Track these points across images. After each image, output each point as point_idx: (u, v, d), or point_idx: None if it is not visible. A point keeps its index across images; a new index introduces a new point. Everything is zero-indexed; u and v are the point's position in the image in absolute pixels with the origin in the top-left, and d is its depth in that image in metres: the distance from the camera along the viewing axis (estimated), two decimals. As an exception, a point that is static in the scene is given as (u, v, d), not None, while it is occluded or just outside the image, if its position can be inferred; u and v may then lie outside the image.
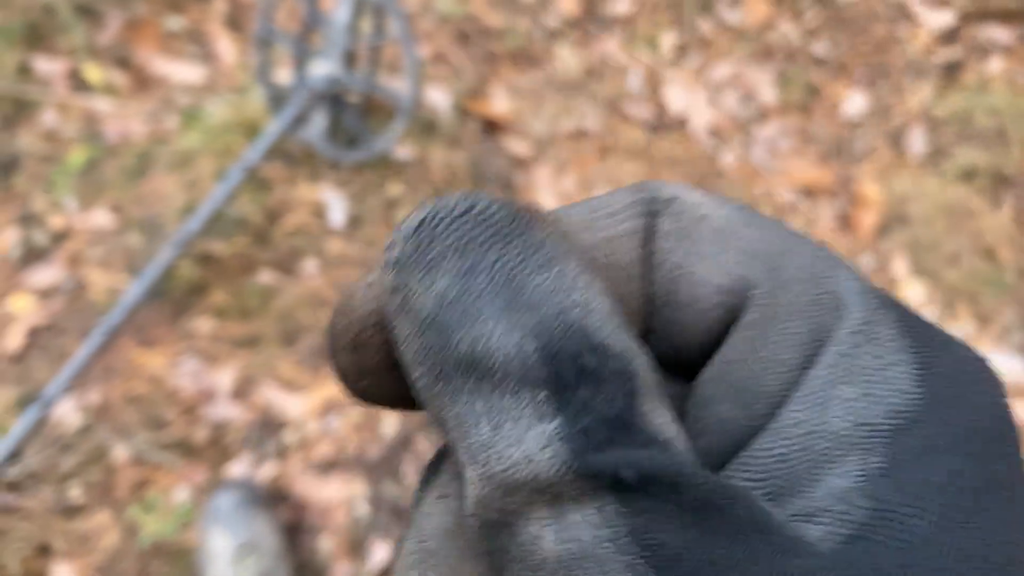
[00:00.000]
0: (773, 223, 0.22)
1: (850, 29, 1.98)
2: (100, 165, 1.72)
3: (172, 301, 1.61)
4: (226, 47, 1.85)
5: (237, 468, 1.51)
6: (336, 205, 1.70)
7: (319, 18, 1.61)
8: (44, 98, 1.76)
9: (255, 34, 1.62)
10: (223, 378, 1.57)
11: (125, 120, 1.76)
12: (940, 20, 1.97)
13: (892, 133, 1.86)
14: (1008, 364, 1.61)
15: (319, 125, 1.68)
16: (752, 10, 2.00)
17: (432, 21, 1.92)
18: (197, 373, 1.57)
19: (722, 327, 0.22)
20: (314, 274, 1.65)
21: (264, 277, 1.64)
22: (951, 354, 0.20)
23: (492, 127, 1.83)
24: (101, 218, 1.67)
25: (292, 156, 1.73)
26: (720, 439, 0.21)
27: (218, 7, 1.89)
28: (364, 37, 1.65)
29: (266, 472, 1.51)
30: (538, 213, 0.20)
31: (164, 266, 1.45)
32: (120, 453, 1.51)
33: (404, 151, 1.75)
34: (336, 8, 1.61)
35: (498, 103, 1.85)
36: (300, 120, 1.64)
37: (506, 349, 0.18)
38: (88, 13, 1.83)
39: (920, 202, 1.77)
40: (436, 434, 0.17)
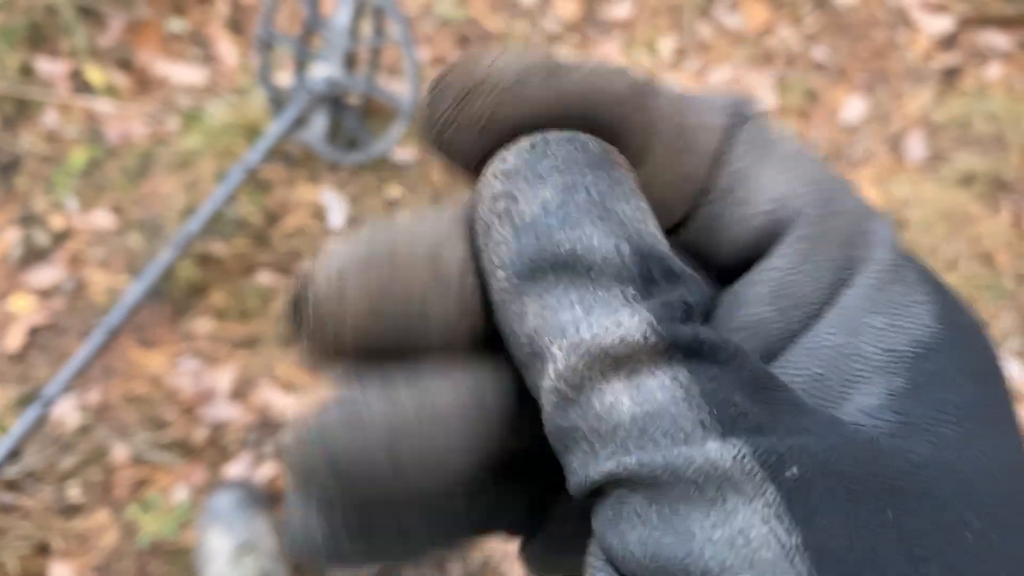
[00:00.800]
0: (834, 172, 0.25)
1: (850, 35, 1.99)
2: (101, 166, 1.73)
3: (172, 301, 1.61)
4: (227, 49, 1.86)
5: (236, 468, 1.52)
6: (336, 207, 1.71)
7: (320, 21, 1.62)
8: (46, 99, 1.77)
9: (256, 36, 1.63)
10: (222, 378, 1.57)
11: (126, 121, 1.77)
12: (939, 26, 1.97)
13: (891, 138, 1.87)
14: (1007, 369, 1.61)
15: (319, 127, 1.69)
16: (751, 15, 2.00)
17: (432, 24, 1.93)
18: (196, 373, 1.58)
19: (761, 235, 0.24)
20: (313, 275, 1.65)
21: (264, 278, 1.64)
22: (962, 307, 0.23)
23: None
24: (102, 218, 1.68)
25: (292, 158, 1.74)
26: (754, 338, 0.23)
27: (220, 9, 1.89)
28: (364, 40, 1.66)
29: (265, 472, 1.52)
30: (620, 155, 0.22)
31: (164, 267, 1.46)
32: (119, 453, 1.52)
33: (404, 153, 1.76)
34: (336, 11, 1.61)
35: (498, 106, 1.86)
36: (300, 122, 1.64)
37: (604, 248, 0.20)
38: (90, 14, 1.84)
39: (918, 207, 1.77)
40: (508, 344, 0.21)
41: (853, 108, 1.90)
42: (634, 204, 0.21)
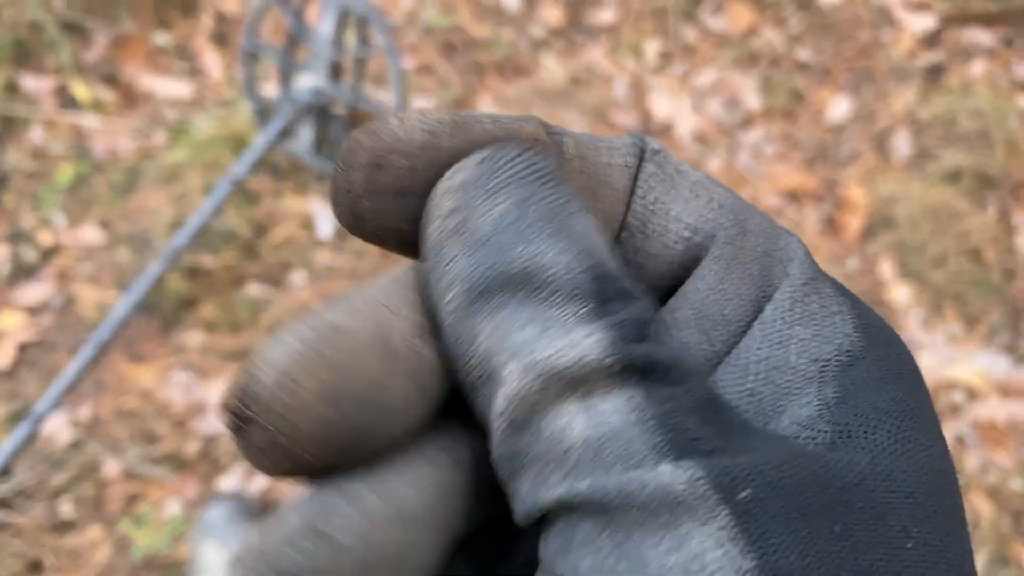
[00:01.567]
0: (737, 195, 0.25)
1: (834, 34, 1.99)
2: (88, 181, 1.73)
3: (162, 315, 1.61)
4: (213, 62, 1.86)
5: (228, 481, 1.51)
6: (324, 217, 1.71)
7: (304, 31, 1.62)
8: (32, 115, 1.77)
9: (241, 48, 1.63)
10: (213, 391, 1.57)
11: (113, 136, 1.77)
12: (922, 24, 1.98)
13: (877, 137, 1.87)
14: (995, 363, 1.61)
15: (306, 138, 1.69)
16: (736, 17, 2.01)
17: (418, 33, 1.93)
18: (187, 387, 1.57)
19: (682, 260, 0.24)
20: (303, 286, 1.65)
21: (253, 290, 1.64)
22: (875, 315, 0.23)
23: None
24: (90, 234, 1.68)
25: (279, 169, 1.74)
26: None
27: (205, 23, 1.90)
28: (349, 49, 1.66)
29: (257, 484, 1.51)
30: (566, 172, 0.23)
31: (153, 280, 1.45)
32: (111, 468, 1.51)
33: (391, 162, 1.76)
34: (320, 21, 1.62)
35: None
36: (287, 133, 1.65)
37: (558, 266, 0.20)
38: (75, 30, 1.84)
39: (905, 205, 1.78)
40: (455, 368, 0.20)
41: (838, 107, 1.91)
42: (586, 220, 0.21)
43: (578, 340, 0.19)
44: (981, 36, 1.96)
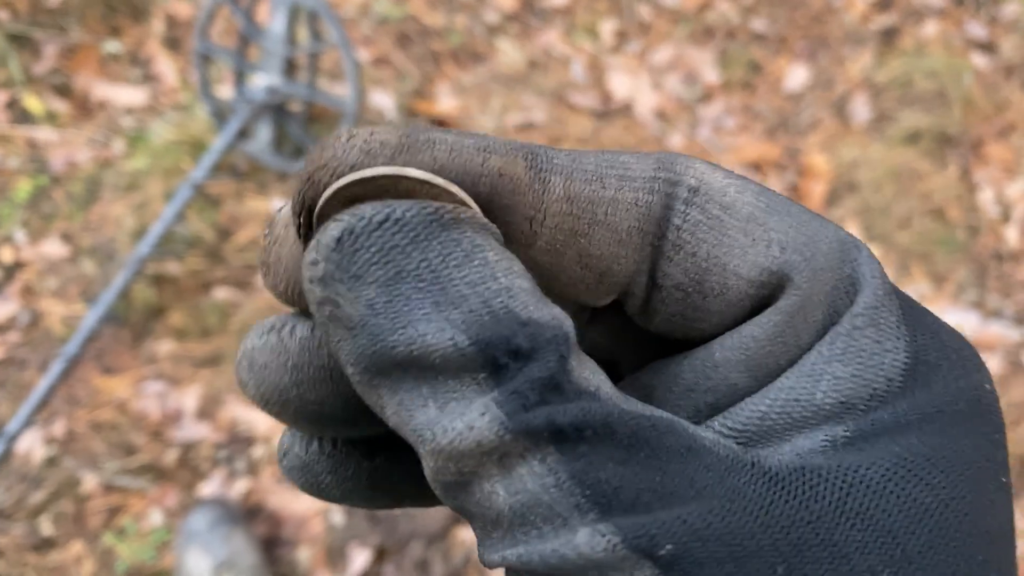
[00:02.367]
0: (794, 207, 0.23)
1: (787, 3, 2.00)
2: (48, 194, 1.71)
3: (131, 325, 1.60)
4: (166, 67, 1.84)
5: (209, 487, 1.51)
6: (288, 216, 1.69)
7: (255, 30, 1.61)
8: (-15, 132, 1.74)
9: (193, 51, 1.61)
10: (188, 399, 1.56)
11: (69, 148, 1.74)
12: (874, -12, 1.99)
13: (836, 103, 1.88)
14: (965, 320, 1.63)
15: (264, 137, 1.68)
16: (689, -9, 2.01)
17: (371, 24, 1.92)
18: (162, 396, 1.56)
19: (748, 315, 0.22)
20: (271, 287, 1.64)
21: (221, 294, 1.63)
22: (939, 343, 0.21)
23: (440, 126, 1.83)
24: (52, 248, 1.66)
25: (239, 171, 1.73)
26: (728, 400, 0.22)
27: (156, 28, 1.87)
28: (302, 46, 1.65)
29: (239, 489, 1.51)
30: (453, 208, 0.20)
31: (119, 291, 1.44)
32: (90, 482, 1.50)
33: (353, 157, 1.75)
34: (271, 19, 1.60)
35: (444, 101, 1.85)
36: (244, 133, 1.63)
37: (441, 346, 0.19)
38: (23, 42, 1.82)
39: (868, 168, 1.79)
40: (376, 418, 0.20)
41: (796, 76, 1.92)
42: (477, 263, 0.20)
43: (474, 420, 0.19)
44: (932, -4, 1.97)
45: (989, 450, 0.21)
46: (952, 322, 0.23)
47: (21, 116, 1.77)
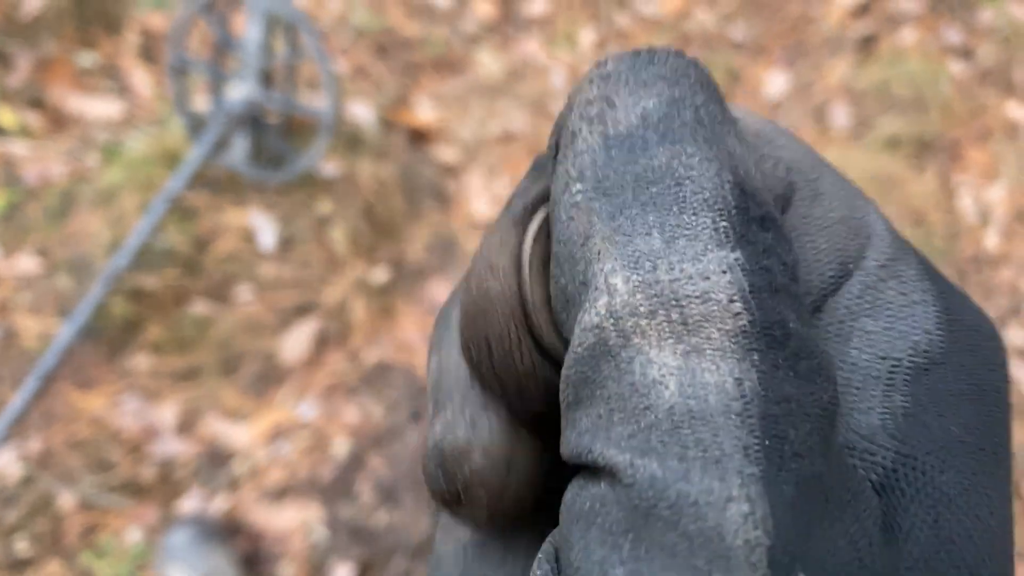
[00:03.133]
0: (804, 144, 0.22)
1: (765, 11, 2.01)
2: (21, 209, 1.68)
3: (107, 340, 1.58)
4: (141, 79, 1.82)
5: (189, 503, 1.49)
6: (265, 228, 1.68)
7: (231, 41, 1.59)
8: (-43, 146, 1.72)
9: (168, 63, 1.60)
10: (166, 414, 1.54)
11: (43, 161, 1.72)
12: (851, -5, 2.00)
13: (815, 109, 1.89)
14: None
15: (241, 148, 1.66)
16: (667, 0, 2.01)
17: (349, 35, 1.91)
18: (139, 411, 1.54)
19: None
20: (249, 300, 1.62)
21: (198, 307, 1.61)
22: (969, 306, 0.20)
23: (419, 137, 1.82)
24: (26, 263, 1.64)
25: (217, 183, 1.71)
26: None
27: (130, 40, 1.86)
28: (279, 56, 1.64)
29: (218, 505, 1.49)
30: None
31: (95, 305, 1.42)
32: (66, 500, 1.48)
33: (330, 167, 1.74)
34: (247, 29, 1.59)
35: (423, 112, 1.84)
36: (221, 145, 1.62)
37: (705, 172, 0.17)
38: (-4, 56, 1.80)
39: (848, 174, 1.79)
40: (561, 267, 0.17)
41: (775, 83, 1.92)
42: (738, 138, 0.19)
43: (710, 271, 0.16)
44: (909, 4, 1.98)
45: (1009, 439, 0.19)
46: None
47: (-6, 130, 1.75)
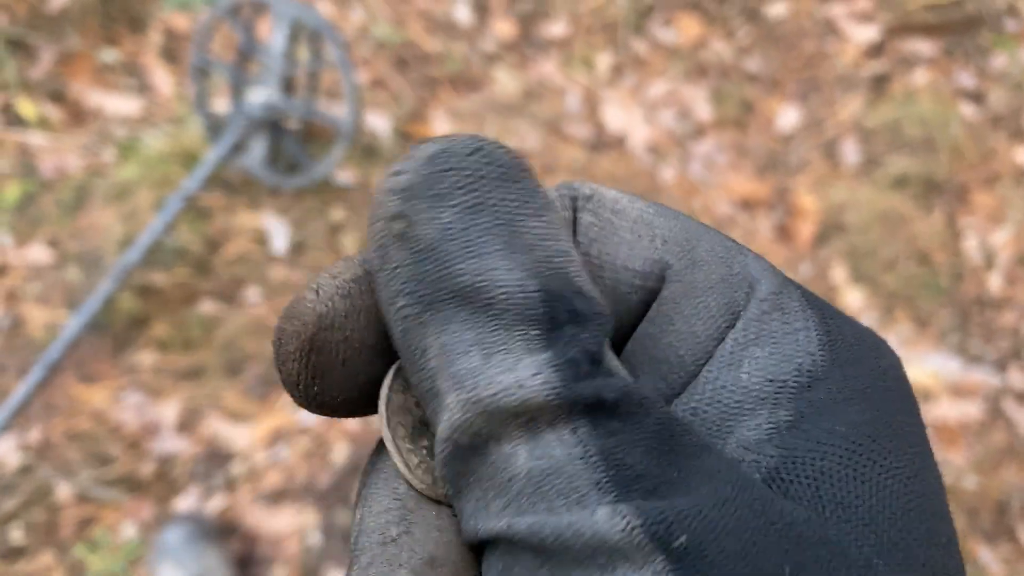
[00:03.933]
0: (683, 215, 0.23)
1: (781, 45, 2.03)
2: (36, 200, 1.69)
3: (113, 335, 1.58)
4: (162, 78, 1.84)
5: (185, 502, 1.49)
6: (278, 232, 1.69)
7: (255, 46, 1.61)
8: (-24, 134, 1.73)
9: (191, 64, 1.61)
10: (167, 411, 1.54)
11: (60, 154, 1.74)
12: (866, 35, 2.02)
13: (826, 145, 1.91)
14: (946, 365, 1.64)
15: (258, 152, 1.67)
16: (685, 29, 2.03)
17: (370, 47, 1.93)
18: (141, 407, 1.55)
19: (643, 309, 0.23)
20: (257, 302, 1.63)
21: (206, 307, 1.62)
22: (850, 326, 0.22)
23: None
24: (38, 253, 1.65)
25: (231, 184, 1.72)
26: None
27: (153, 38, 1.88)
28: (302, 63, 1.65)
29: (215, 505, 1.49)
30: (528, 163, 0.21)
31: (104, 299, 1.43)
32: (63, 492, 1.48)
33: (345, 176, 1.75)
34: (272, 35, 1.61)
35: (438, 126, 1.86)
36: (239, 148, 1.63)
37: (508, 284, 0.19)
38: (19, 47, 1.81)
39: (856, 211, 1.81)
40: (408, 372, 0.20)
41: (787, 117, 1.94)
42: (546, 221, 0.20)
43: (524, 379, 0.18)
44: (923, 46, 2.00)
45: (921, 427, 0.21)
46: (934, 366, 0.23)
47: (13, 120, 1.76)
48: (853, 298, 1.71)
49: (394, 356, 0.22)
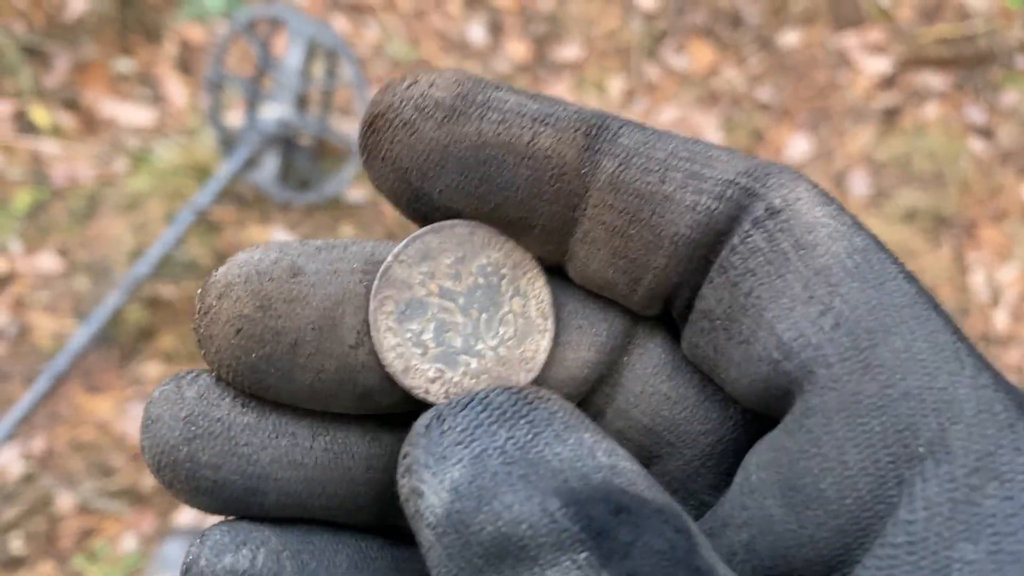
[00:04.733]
0: (892, 283, 0.18)
1: (792, 75, 2.03)
2: (46, 208, 1.70)
3: (120, 346, 1.58)
4: (176, 90, 1.84)
5: (186, 516, 1.48)
6: (288, 248, 1.69)
7: (271, 62, 1.62)
8: (-11, 140, 1.74)
9: (206, 77, 1.62)
10: (172, 423, 1.54)
11: (72, 162, 1.74)
12: (878, 67, 2.03)
13: (835, 176, 1.91)
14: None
15: (270, 168, 1.68)
16: (697, 56, 2.04)
17: (385, 65, 1.94)
18: (145, 419, 1.54)
19: (766, 386, 0.19)
20: (266, 317, 1.63)
21: (215, 320, 1.62)
22: None
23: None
24: (47, 261, 1.65)
25: (243, 199, 1.73)
26: (763, 536, 0.19)
27: (168, 50, 1.88)
28: (316, 81, 1.66)
29: (215, 520, 1.48)
30: (545, 392, 0.19)
31: (112, 310, 1.43)
32: (65, 502, 1.48)
33: (357, 193, 1.75)
34: (288, 52, 1.61)
35: (450, 146, 1.87)
36: (251, 163, 1.63)
37: (530, 515, 0.17)
38: (35, 54, 1.82)
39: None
40: None
41: (797, 146, 1.95)
42: (573, 439, 0.18)
43: None
44: (935, 79, 2.01)
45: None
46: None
47: (27, 127, 1.76)
48: (859, 330, 1.71)
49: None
